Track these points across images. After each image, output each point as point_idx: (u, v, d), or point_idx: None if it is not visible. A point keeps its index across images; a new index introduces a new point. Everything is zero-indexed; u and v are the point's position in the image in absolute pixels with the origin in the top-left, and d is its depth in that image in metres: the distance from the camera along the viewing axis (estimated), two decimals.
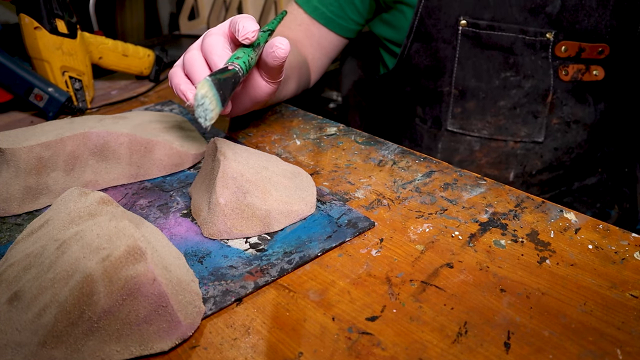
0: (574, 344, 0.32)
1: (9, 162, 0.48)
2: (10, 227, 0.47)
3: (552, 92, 0.71)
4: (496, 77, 0.71)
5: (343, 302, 0.36)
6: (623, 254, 0.39)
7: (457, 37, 0.71)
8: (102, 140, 0.51)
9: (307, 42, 0.79)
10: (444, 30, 0.72)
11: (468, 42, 0.71)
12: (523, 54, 0.69)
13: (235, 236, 0.43)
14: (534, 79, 0.71)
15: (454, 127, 0.76)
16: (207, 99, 0.39)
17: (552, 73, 0.70)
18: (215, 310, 0.36)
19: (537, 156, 0.75)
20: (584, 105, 0.73)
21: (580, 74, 0.70)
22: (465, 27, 0.70)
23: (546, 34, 0.68)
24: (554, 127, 0.73)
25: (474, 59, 0.72)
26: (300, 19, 0.79)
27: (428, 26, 0.72)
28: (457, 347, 0.32)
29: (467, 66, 0.72)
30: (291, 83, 0.70)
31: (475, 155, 0.76)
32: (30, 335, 0.32)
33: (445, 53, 0.73)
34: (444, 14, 0.71)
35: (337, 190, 0.50)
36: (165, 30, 2.05)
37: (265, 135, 0.63)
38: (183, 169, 0.55)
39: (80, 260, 0.33)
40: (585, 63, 0.70)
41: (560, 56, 0.69)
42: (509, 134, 0.74)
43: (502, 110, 0.73)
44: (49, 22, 0.72)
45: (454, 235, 0.42)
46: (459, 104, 0.75)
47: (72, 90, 0.76)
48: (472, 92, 0.73)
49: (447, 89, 0.75)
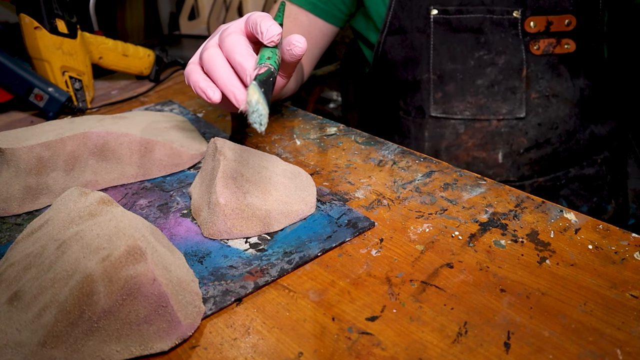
0: (574, 344, 0.32)
1: (9, 162, 0.48)
2: (10, 227, 0.47)
3: (525, 67, 0.74)
4: (471, 58, 0.75)
5: (343, 302, 0.36)
6: (623, 254, 0.39)
7: (430, 25, 0.75)
8: (102, 140, 0.51)
9: (297, 33, 0.80)
10: (417, 21, 0.76)
11: (440, 28, 0.75)
12: (492, 32, 0.73)
13: (235, 236, 0.43)
14: (505, 55, 0.74)
15: (437, 113, 0.79)
16: (260, 104, 0.39)
17: (524, 48, 0.73)
18: (215, 310, 0.36)
19: (521, 133, 0.77)
20: (561, 79, 0.76)
21: (551, 47, 0.73)
22: (436, 15, 0.74)
23: (513, 12, 0.71)
24: (533, 101, 0.76)
25: (447, 44, 0.75)
26: (288, 11, 0.81)
27: (402, 19, 0.77)
28: (457, 347, 0.32)
29: (442, 51, 0.76)
30: (291, 81, 0.71)
31: (462, 139, 0.79)
32: (30, 335, 0.32)
33: (420, 42, 0.77)
34: (415, 6, 0.75)
35: (337, 190, 0.50)
36: (166, 30, 2.05)
37: (265, 135, 0.63)
38: (183, 169, 0.55)
39: (80, 260, 0.33)
40: (555, 37, 0.73)
41: (529, 32, 0.72)
42: (491, 113, 0.77)
43: (481, 88, 0.76)
44: (49, 22, 0.72)
45: (454, 235, 0.42)
46: (439, 89, 0.78)
47: (72, 90, 0.76)
48: (450, 75, 0.77)
49: (425, 76, 0.78)
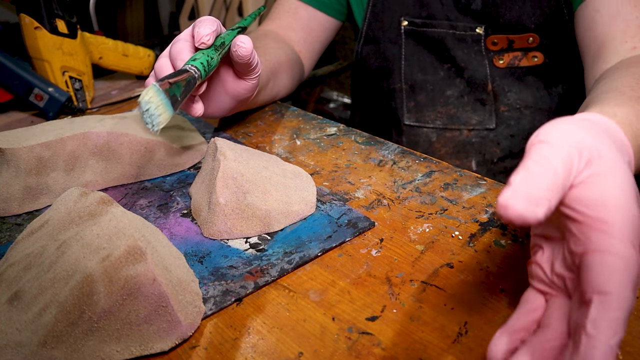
0: None
1: (9, 162, 0.48)
2: (10, 227, 0.47)
3: (490, 81, 0.75)
4: (440, 69, 0.76)
5: (343, 302, 0.36)
6: None
7: (401, 36, 0.76)
8: (102, 140, 0.51)
9: (297, 27, 0.81)
10: (389, 32, 0.77)
11: (411, 40, 0.76)
12: (456, 47, 0.74)
13: (235, 236, 0.43)
14: (469, 70, 0.75)
15: (410, 121, 0.80)
16: (153, 104, 0.40)
17: (487, 63, 0.74)
18: (215, 310, 0.36)
19: (493, 144, 0.78)
20: (532, 90, 0.75)
21: (517, 60, 0.73)
22: (407, 26, 0.75)
23: (476, 28, 0.72)
24: (503, 114, 0.76)
25: (418, 55, 0.77)
26: (288, 6, 0.81)
27: (375, 30, 0.78)
28: (457, 347, 0.32)
29: (413, 62, 0.77)
30: (283, 79, 0.71)
31: (435, 147, 0.80)
32: (30, 335, 0.32)
33: (392, 53, 0.78)
34: (387, 17, 0.76)
35: (337, 190, 0.50)
36: (166, 30, 2.05)
37: (265, 135, 0.63)
38: (183, 169, 0.55)
39: (81, 260, 0.33)
40: (521, 51, 0.73)
41: (492, 49, 0.73)
42: (462, 123, 0.78)
43: (451, 99, 0.77)
44: (49, 22, 0.72)
45: (454, 235, 0.42)
46: (411, 98, 0.79)
47: (72, 90, 0.76)
48: (421, 86, 0.78)
49: (398, 85, 0.79)
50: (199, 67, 0.45)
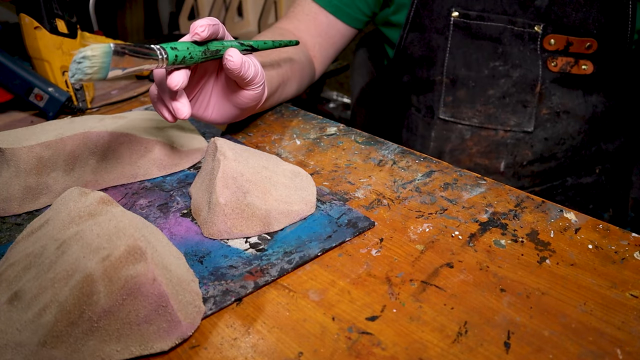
0: (574, 344, 0.32)
1: (9, 162, 0.48)
2: (10, 227, 0.47)
3: (540, 82, 0.73)
4: (485, 67, 0.74)
5: (343, 302, 0.36)
6: (623, 253, 0.39)
7: (449, 27, 0.74)
8: (102, 140, 0.51)
9: (315, 31, 0.80)
10: (437, 21, 0.75)
11: (459, 32, 0.74)
12: (511, 44, 0.72)
13: (235, 236, 0.43)
14: (522, 69, 0.73)
15: (445, 116, 0.79)
16: (88, 61, 0.37)
17: (541, 64, 0.72)
18: (215, 310, 0.36)
19: (527, 146, 0.76)
20: (573, 97, 0.74)
21: (569, 67, 0.72)
22: (457, 18, 0.73)
23: (534, 26, 0.70)
24: (543, 117, 0.75)
25: (464, 49, 0.75)
26: (308, 8, 0.80)
27: (423, 17, 0.76)
28: (457, 347, 0.32)
29: (458, 56, 0.75)
30: (293, 85, 0.71)
31: (466, 144, 0.78)
32: (30, 335, 0.32)
33: (437, 43, 0.76)
34: (437, 6, 0.74)
35: (337, 190, 0.50)
36: (165, 30, 2.05)
37: (265, 135, 0.63)
38: (183, 169, 0.55)
39: (80, 260, 0.33)
40: (574, 57, 0.72)
41: (548, 49, 0.71)
42: (499, 123, 0.76)
43: (492, 99, 0.75)
44: (49, 22, 0.72)
45: (454, 235, 0.42)
46: (450, 93, 0.77)
47: (72, 90, 0.76)
48: (462, 81, 0.76)
49: (439, 77, 0.77)
50: (169, 53, 0.43)
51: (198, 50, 0.47)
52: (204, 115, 0.55)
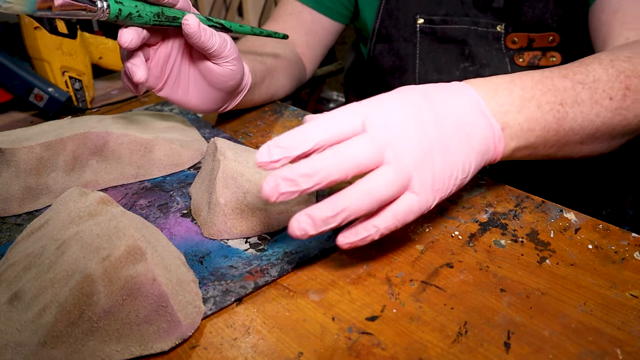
0: (574, 344, 0.32)
1: (9, 162, 0.48)
2: (10, 227, 0.47)
3: None
4: (456, 68, 0.75)
5: (343, 302, 0.36)
6: (623, 253, 0.39)
7: (417, 34, 0.75)
8: (102, 140, 0.51)
9: (300, 29, 0.80)
10: (403, 30, 0.76)
11: (426, 38, 0.75)
12: (477, 44, 0.73)
13: (235, 236, 0.43)
14: (490, 67, 0.73)
15: None
16: None
17: (508, 61, 0.73)
18: (215, 310, 0.36)
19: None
20: None
21: (536, 60, 0.72)
22: (422, 24, 0.74)
23: (497, 26, 0.71)
24: None
25: (433, 54, 0.75)
26: (292, 7, 0.81)
27: (388, 27, 0.77)
28: (457, 347, 0.32)
29: (428, 61, 0.76)
30: (280, 78, 0.71)
31: None
32: (30, 335, 0.32)
33: (406, 51, 0.77)
34: (402, 14, 0.75)
35: (337, 190, 0.50)
36: None
37: (266, 135, 0.63)
38: (183, 169, 0.55)
39: (80, 261, 0.33)
40: (540, 50, 0.72)
41: (512, 47, 0.72)
42: None
43: None
44: (48, 22, 0.72)
45: (454, 235, 0.42)
46: None
47: (72, 90, 0.76)
48: None
49: (412, 85, 0.78)
50: (111, 5, 0.43)
51: (149, 11, 0.46)
52: (186, 100, 0.56)
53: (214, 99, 0.57)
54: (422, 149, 0.35)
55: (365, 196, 0.34)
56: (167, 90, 0.55)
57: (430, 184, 0.35)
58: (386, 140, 0.34)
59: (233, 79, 0.55)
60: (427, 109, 0.36)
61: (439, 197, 0.36)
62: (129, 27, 0.46)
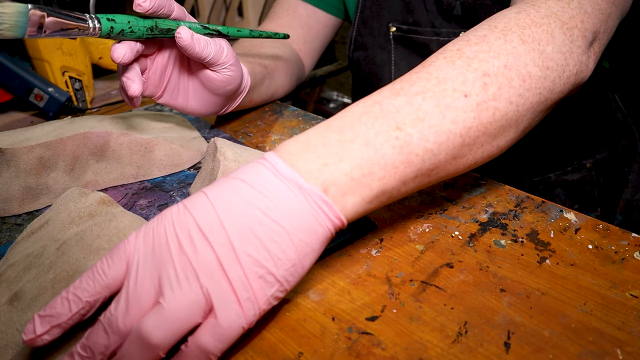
0: (574, 344, 0.32)
1: (9, 162, 0.48)
2: (10, 227, 0.47)
3: None
4: None
5: (343, 302, 0.36)
6: (623, 254, 0.39)
7: (390, 42, 0.76)
8: (102, 140, 0.51)
9: (296, 25, 0.80)
10: (378, 38, 0.77)
11: (400, 45, 0.76)
12: None
13: None
14: None
15: None
16: (4, 16, 0.37)
17: None
18: None
19: None
20: None
21: None
22: (395, 32, 0.75)
23: (459, 34, 0.71)
24: None
25: (407, 59, 0.76)
26: (287, 4, 0.81)
27: (364, 36, 0.78)
28: (457, 347, 0.32)
29: (403, 67, 0.77)
30: (280, 77, 0.71)
31: None
32: None
33: (382, 58, 0.78)
34: (376, 23, 0.76)
35: None
36: None
37: (265, 135, 0.63)
38: (183, 169, 0.55)
39: (81, 261, 0.33)
40: None
41: None
42: None
43: None
44: None
45: (454, 235, 0.42)
46: None
47: (72, 90, 0.76)
48: None
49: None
50: (103, 23, 0.42)
51: (142, 25, 0.46)
52: (185, 105, 0.56)
53: (213, 103, 0.57)
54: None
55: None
56: (166, 97, 0.56)
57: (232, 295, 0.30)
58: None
59: (231, 84, 0.55)
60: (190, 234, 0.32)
61: (263, 301, 0.31)
62: (122, 42, 0.46)
